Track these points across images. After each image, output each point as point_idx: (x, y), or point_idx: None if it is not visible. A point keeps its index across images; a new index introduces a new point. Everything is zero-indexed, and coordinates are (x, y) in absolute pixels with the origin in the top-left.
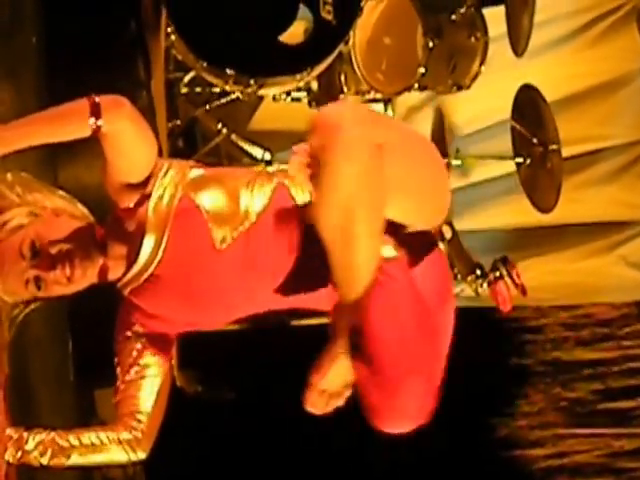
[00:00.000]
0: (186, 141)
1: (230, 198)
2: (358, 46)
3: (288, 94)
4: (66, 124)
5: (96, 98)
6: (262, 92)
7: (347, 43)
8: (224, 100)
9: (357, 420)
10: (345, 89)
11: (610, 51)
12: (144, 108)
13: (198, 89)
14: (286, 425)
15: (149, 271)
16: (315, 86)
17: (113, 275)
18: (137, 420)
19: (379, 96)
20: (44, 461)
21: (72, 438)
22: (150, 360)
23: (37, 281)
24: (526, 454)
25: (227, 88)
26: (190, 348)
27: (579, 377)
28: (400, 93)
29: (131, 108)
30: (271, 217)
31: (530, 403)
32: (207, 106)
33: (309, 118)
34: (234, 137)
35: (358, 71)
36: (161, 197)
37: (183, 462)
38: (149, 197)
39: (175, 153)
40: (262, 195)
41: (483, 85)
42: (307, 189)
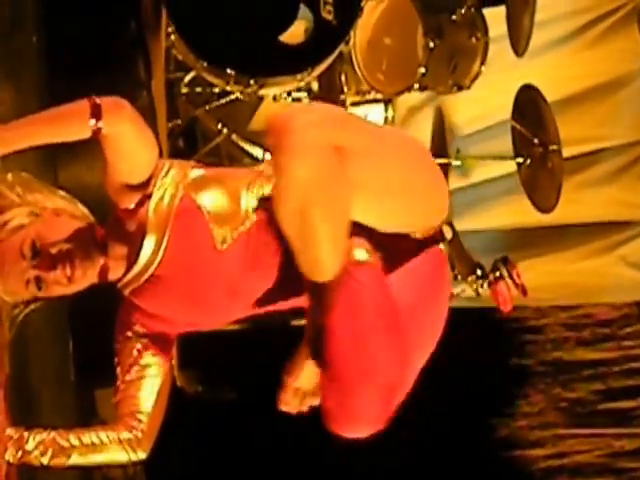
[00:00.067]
0: (186, 141)
1: (231, 198)
2: (359, 46)
3: (289, 94)
4: (66, 125)
5: (97, 100)
6: (262, 92)
7: (348, 43)
8: (224, 100)
9: None
10: (345, 89)
11: (610, 52)
12: (144, 108)
13: (198, 89)
14: (286, 425)
15: (149, 272)
16: (316, 86)
17: (113, 275)
18: (137, 420)
19: (379, 96)
20: (44, 461)
21: (72, 438)
22: (150, 360)
23: (38, 281)
24: (526, 454)
25: (227, 88)
26: (190, 348)
27: (579, 377)
28: (400, 93)
29: (132, 110)
30: (272, 217)
31: (530, 403)
32: (207, 106)
33: (266, 119)
34: (234, 137)
35: (358, 71)
36: (162, 197)
37: (183, 462)
38: (150, 197)
39: (175, 153)
40: (263, 195)
41: (483, 85)
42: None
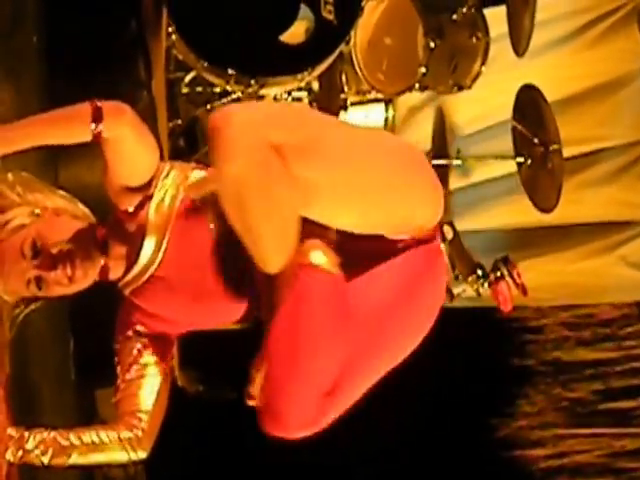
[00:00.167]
0: (187, 141)
1: None
2: (359, 46)
3: (289, 94)
4: (68, 128)
5: (98, 103)
6: (263, 92)
7: (348, 43)
8: (225, 100)
9: (357, 420)
10: (346, 89)
11: (610, 52)
12: (145, 108)
13: (199, 89)
14: None
15: (150, 272)
16: (316, 86)
17: (114, 275)
18: (138, 419)
19: (380, 96)
20: (45, 460)
21: (73, 437)
22: (150, 359)
23: (38, 281)
24: (527, 454)
25: (228, 88)
26: (191, 348)
27: (580, 377)
28: (401, 93)
29: (132, 115)
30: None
31: (531, 403)
32: (208, 106)
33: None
34: None
35: (359, 71)
36: (162, 199)
37: (184, 462)
38: (151, 198)
39: (176, 153)
40: None
41: (484, 85)
42: None
